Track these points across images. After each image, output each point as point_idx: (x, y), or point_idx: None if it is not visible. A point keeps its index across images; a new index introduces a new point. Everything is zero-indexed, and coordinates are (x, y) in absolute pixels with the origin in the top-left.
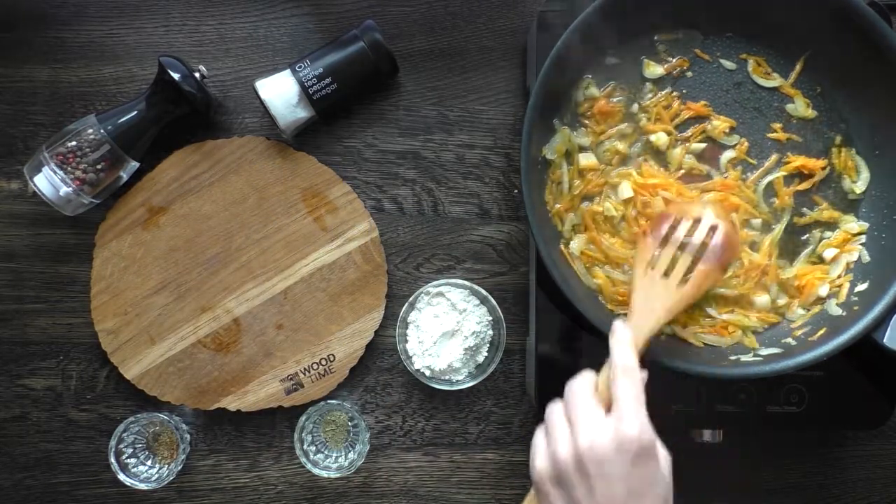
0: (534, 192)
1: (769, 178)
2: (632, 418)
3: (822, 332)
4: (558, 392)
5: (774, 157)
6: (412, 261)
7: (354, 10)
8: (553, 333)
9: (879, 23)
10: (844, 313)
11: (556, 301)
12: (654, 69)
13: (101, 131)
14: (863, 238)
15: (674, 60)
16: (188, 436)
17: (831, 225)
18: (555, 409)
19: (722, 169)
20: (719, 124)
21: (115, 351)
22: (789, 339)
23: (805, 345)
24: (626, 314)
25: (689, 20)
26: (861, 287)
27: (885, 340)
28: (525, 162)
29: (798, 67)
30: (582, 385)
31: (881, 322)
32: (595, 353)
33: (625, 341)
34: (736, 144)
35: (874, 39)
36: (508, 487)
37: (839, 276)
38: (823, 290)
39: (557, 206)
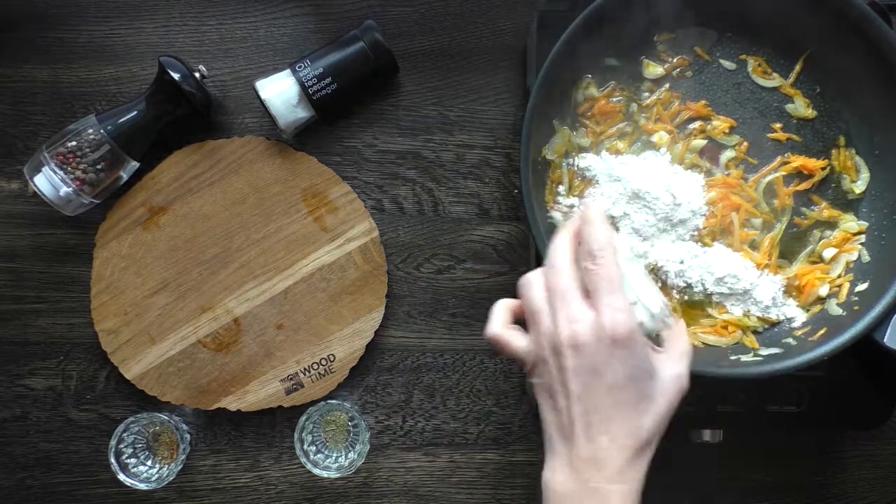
0: (534, 192)
1: (769, 177)
2: (604, 308)
3: (822, 332)
4: None
5: (778, 159)
6: (412, 261)
7: (354, 10)
8: None
9: (879, 23)
10: (844, 313)
11: None
12: (654, 69)
13: (101, 131)
14: (862, 238)
15: (674, 60)
16: (188, 436)
17: (831, 224)
18: (535, 291)
19: (723, 167)
20: (719, 124)
21: (115, 351)
22: (789, 339)
23: (805, 345)
24: None
25: (689, 20)
26: (861, 287)
27: (885, 340)
28: (525, 162)
29: (798, 67)
30: (562, 262)
31: (881, 322)
32: None
33: (595, 218)
34: (735, 144)
35: (874, 39)
36: (508, 487)
37: (839, 276)
38: (823, 290)
39: (558, 206)
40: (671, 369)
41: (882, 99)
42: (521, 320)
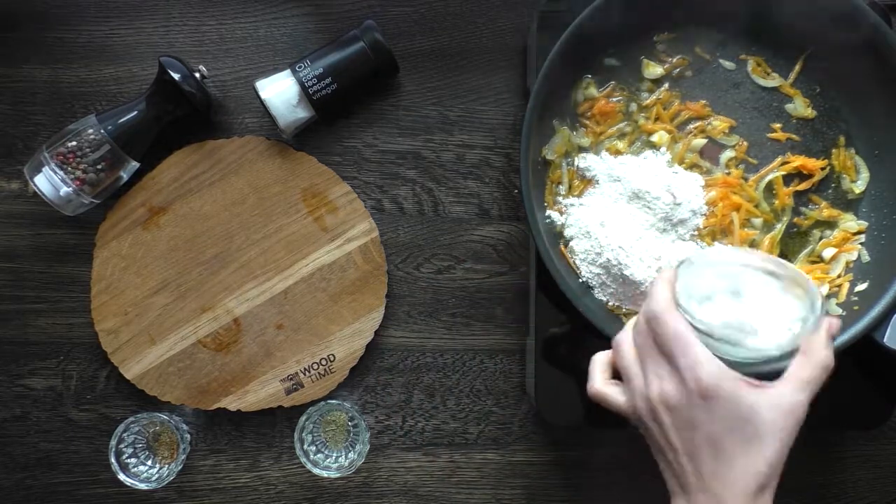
0: (534, 193)
1: (769, 177)
2: (682, 368)
3: None
4: (558, 392)
5: (779, 159)
6: (412, 261)
7: (354, 10)
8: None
9: (879, 23)
10: (844, 313)
11: (556, 301)
12: (654, 69)
13: (102, 131)
14: (862, 237)
15: (673, 60)
16: (188, 436)
17: (831, 224)
18: (626, 349)
19: (723, 167)
20: (718, 124)
21: (115, 351)
22: None
23: None
24: (629, 313)
25: (689, 20)
26: (861, 287)
27: (885, 340)
28: (525, 163)
29: (797, 67)
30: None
31: (881, 322)
32: (595, 353)
33: (663, 280)
34: (735, 144)
35: (874, 39)
36: (508, 487)
37: (839, 276)
38: (823, 290)
39: (557, 205)
40: (783, 402)
41: (882, 98)
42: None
